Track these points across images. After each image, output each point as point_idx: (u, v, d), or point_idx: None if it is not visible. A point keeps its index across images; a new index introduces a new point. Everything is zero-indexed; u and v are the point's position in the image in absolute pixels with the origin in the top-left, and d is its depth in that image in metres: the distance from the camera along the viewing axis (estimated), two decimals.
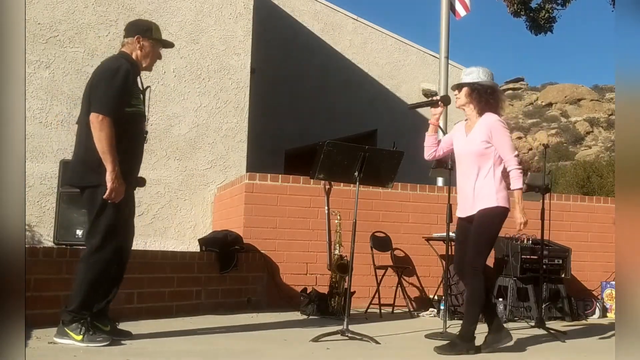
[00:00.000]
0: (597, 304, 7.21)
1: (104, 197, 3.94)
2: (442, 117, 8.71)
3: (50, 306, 4.76)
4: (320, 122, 12.08)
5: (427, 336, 5.02)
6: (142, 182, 4.36)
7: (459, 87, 4.65)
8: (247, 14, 9.06)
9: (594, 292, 7.71)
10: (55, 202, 5.56)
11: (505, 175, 4.51)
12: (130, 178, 4.16)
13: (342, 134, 11.21)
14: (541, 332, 5.49)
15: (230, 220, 7.60)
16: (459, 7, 9.54)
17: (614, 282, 7.00)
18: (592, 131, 55.36)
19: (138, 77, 4.31)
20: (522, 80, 63.29)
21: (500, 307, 6.41)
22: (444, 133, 7.52)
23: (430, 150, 4.84)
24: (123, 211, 4.11)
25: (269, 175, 7.25)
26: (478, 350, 4.33)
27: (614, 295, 7.15)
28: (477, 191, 4.47)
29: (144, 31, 4.28)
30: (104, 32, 8.44)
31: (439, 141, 4.86)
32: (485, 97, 4.53)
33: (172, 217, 8.45)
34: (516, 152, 4.53)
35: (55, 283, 4.89)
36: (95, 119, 3.96)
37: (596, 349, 4.97)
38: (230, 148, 8.83)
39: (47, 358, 3.60)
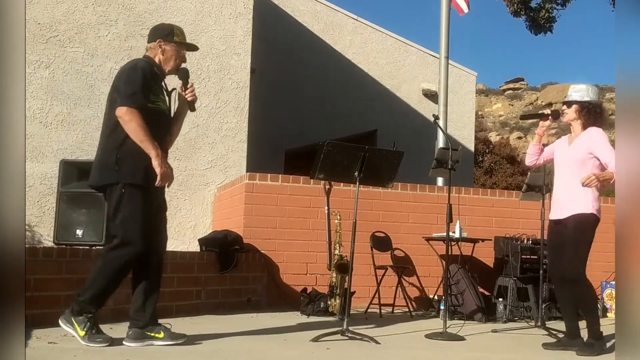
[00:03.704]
0: (597, 304, 7.19)
1: (156, 184, 3.98)
2: (442, 117, 8.80)
3: (50, 306, 4.76)
4: (320, 122, 12.09)
5: (427, 336, 5.02)
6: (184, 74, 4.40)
7: (568, 104, 4.85)
8: (247, 14, 9.06)
9: None
10: (55, 202, 5.55)
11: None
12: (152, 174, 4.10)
13: (342, 134, 11.22)
14: (541, 332, 5.49)
15: (230, 220, 7.60)
16: (461, 3, 9.53)
17: (614, 282, 7.00)
18: None
19: (163, 80, 4.33)
20: (522, 80, 63.33)
21: (500, 307, 6.41)
22: (442, 130, 7.55)
23: (533, 158, 5.08)
24: (147, 209, 4.08)
25: (269, 175, 7.25)
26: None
27: (614, 295, 7.15)
28: (573, 195, 4.64)
29: (165, 35, 4.30)
30: (104, 32, 8.44)
31: (542, 150, 5.06)
32: (594, 115, 4.77)
33: (172, 217, 8.43)
34: None
35: (55, 283, 4.89)
36: (121, 112, 3.98)
37: None
38: (230, 148, 8.83)
39: (47, 358, 3.60)
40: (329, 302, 6.17)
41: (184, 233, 8.46)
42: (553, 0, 13.11)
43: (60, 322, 4.02)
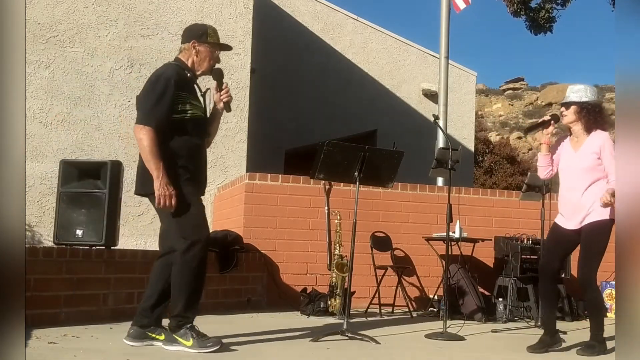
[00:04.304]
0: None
1: (155, 205, 3.90)
2: (442, 117, 8.80)
3: (50, 306, 4.76)
4: (320, 122, 12.09)
5: (427, 336, 5.02)
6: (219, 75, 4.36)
7: (566, 105, 4.72)
8: (247, 14, 9.06)
9: None
10: (55, 202, 5.55)
11: None
12: (196, 183, 4.15)
13: (342, 133, 11.22)
14: (541, 332, 5.48)
15: (230, 220, 7.60)
16: (458, 0, 9.50)
17: (614, 282, 7.00)
18: None
19: (195, 82, 4.26)
20: (522, 80, 63.28)
21: (500, 307, 6.41)
22: (442, 130, 7.55)
23: (547, 170, 4.85)
24: (195, 203, 4.07)
25: (269, 175, 7.25)
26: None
27: (614, 295, 7.14)
28: (588, 204, 4.55)
29: (199, 36, 4.23)
30: (104, 32, 8.44)
31: (552, 159, 4.85)
32: (594, 116, 4.64)
33: None
34: None
35: (55, 283, 4.88)
36: (136, 129, 3.96)
37: None
38: (230, 148, 8.82)
39: (47, 358, 3.60)
40: (329, 302, 6.17)
41: None
42: (553, 0, 13.11)
43: (164, 346, 3.96)
